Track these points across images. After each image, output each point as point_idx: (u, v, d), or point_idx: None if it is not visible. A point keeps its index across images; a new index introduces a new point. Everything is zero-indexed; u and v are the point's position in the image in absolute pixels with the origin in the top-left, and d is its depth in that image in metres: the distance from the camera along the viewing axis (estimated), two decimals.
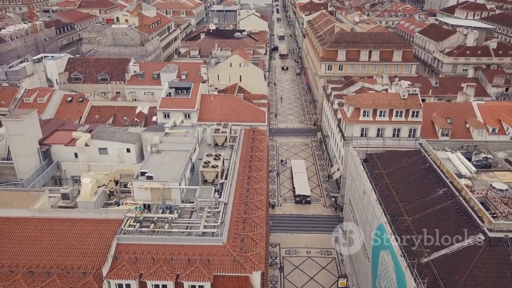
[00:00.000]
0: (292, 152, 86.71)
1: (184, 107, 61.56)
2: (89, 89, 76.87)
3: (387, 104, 60.62)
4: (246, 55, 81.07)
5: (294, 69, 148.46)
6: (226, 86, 77.17)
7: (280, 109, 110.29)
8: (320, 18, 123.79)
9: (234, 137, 46.84)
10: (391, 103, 60.81)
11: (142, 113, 65.70)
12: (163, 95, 63.65)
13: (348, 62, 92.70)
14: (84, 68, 78.97)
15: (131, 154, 43.11)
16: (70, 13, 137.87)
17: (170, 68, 76.09)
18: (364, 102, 60.94)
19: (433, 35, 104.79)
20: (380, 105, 60.55)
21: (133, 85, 76.64)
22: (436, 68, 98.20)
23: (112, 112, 66.19)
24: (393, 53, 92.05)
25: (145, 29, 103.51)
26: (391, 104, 60.68)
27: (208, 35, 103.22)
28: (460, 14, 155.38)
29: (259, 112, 64.63)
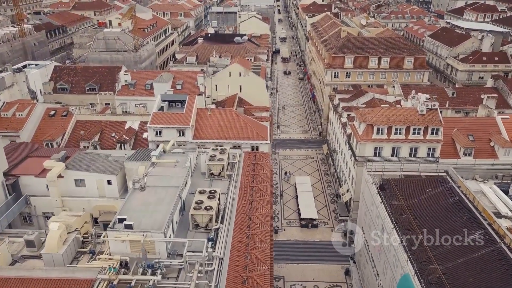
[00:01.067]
0: (296, 166, 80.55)
1: (177, 123, 55.46)
2: (76, 101, 70.77)
3: (404, 121, 54.44)
4: (246, 63, 74.88)
5: (297, 73, 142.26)
6: (225, 97, 71.05)
7: (283, 117, 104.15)
8: (325, 21, 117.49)
9: (233, 164, 40.69)
10: (408, 119, 54.64)
11: (132, 129, 59.52)
12: (154, 110, 57.54)
13: (356, 70, 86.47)
14: (71, 77, 72.82)
15: (112, 186, 37.01)
16: (63, 15, 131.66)
17: (164, 77, 69.95)
18: (377, 118, 54.77)
19: (446, 40, 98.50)
20: (395, 121, 54.37)
21: (123, 96, 70.50)
22: (449, 75, 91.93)
23: (99, 128, 60.01)
24: (404, 59, 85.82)
25: (139, 33, 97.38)
26: (408, 121, 54.52)
27: (206, 40, 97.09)
28: (470, 16, 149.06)
29: (261, 128, 58.48)
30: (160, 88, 69.29)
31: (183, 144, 55.65)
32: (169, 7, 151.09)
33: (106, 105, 70.22)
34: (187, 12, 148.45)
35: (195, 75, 72.21)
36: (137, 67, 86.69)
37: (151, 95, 70.33)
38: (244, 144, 55.76)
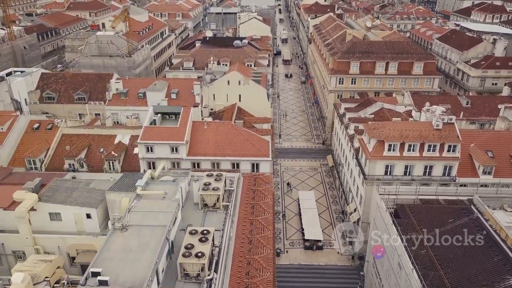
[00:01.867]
0: (299, 179, 75.90)
1: (170, 138, 50.79)
2: (64, 111, 66.24)
3: (418, 137, 49.79)
4: (246, 70, 70.17)
5: (299, 76, 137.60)
6: (223, 107, 66.39)
7: (284, 124, 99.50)
8: (328, 23, 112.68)
9: (230, 192, 36.04)
10: (422, 135, 49.99)
11: (122, 144, 54.87)
12: (146, 123, 52.88)
13: (362, 76, 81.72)
14: (59, 86, 68.14)
15: (92, 221, 32.43)
16: (56, 17, 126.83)
17: (158, 86, 65.29)
18: (389, 133, 50.10)
19: (456, 43, 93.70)
20: (409, 137, 49.72)
21: (114, 105, 65.81)
22: (460, 81, 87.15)
23: (86, 142, 55.36)
24: (413, 65, 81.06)
25: (134, 36, 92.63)
26: (422, 136, 49.88)
27: (204, 44, 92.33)
28: (477, 17, 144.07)
29: (262, 143, 53.77)
30: (153, 98, 64.78)
31: (176, 162, 51.33)
32: (166, 7, 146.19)
33: (96, 116, 65.69)
34: (186, 13, 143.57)
35: (191, 83, 67.50)
36: (131, 73, 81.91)
37: (144, 104, 65.65)
38: (243, 161, 51.20)
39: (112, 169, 52.23)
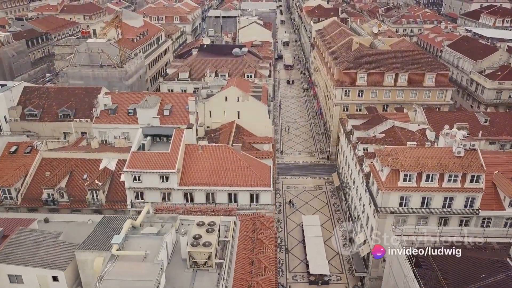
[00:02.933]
0: (303, 199, 70.55)
1: (160, 166, 45.57)
2: (48, 129, 61.07)
3: (437, 165, 44.42)
4: (245, 84, 64.83)
5: (301, 83, 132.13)
6: (221, 125, 61.16)
7: (286, 137, 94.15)
8: (332, 28, 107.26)
9: (224, 243, 30.73)
10: (442, 164, 44.61)
11: (108, 170, 49.69)
12: (133, 148, 47.65)
13: (370, 87, 76.34)
14: (42, 101, 62.84)
15: (60, 284, 27.14)
16: (48, 21, 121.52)
17: (149, 102, 59.97)
18: (405, 161, 44.75)
19: (468, 51, 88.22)
20: (427, 166, 44.35)
21: (102, 123, 60.54)
22: (474, 93, 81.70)
23: (69, 167, 50.25)
24: (425, 76, 75.66)
25: (127, 43, 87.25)
26: (442, 165, 44.50)
27: (201, 52, 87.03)
28: (487, 20, 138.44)
29: (263, 169, 48.53)
30: (144, 115, 59.48)
31: (166, 192, 46.09)
32: (163, 11, 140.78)
33: (82, 135, 60.41)
34: (183, 17, 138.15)
35: (186, 97, 62.17)
36: (123, 84, 76.68)
37: (134, 122, 60.42)
38: (241, 192, 45.95)
39: (96, 199, 47.15)
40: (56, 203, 46.90)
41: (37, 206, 47.30)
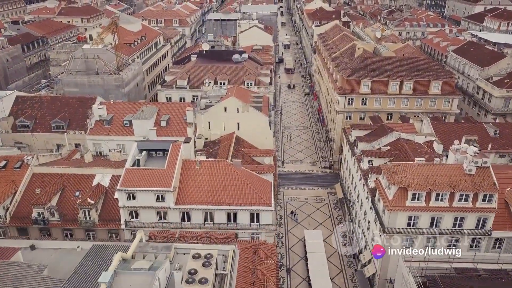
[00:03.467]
0: (305, 212, 68.30)
1: (156, 184, 43.35)
2: (40, 141, 58.88)
3: (447, 184, 42.16)
4: (245, 94, 62.56)
5: (302, 87, 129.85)
6: (220, 136, 58.92)
7: (288, 144, 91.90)
8: (334, 32, 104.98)
9: (222, 277, 28.48)
10: (452, 182, 42.36)
11: (101, 187, 47.42)
12: (128, 164, 45.42)
13: (374, 95, 74.04)
14: (35, 111, 60.64)
15: None
16: (45, 24, 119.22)
17: (145, 113, 57.72)
18: (413, 180, 42.49)
19: (474, 57, 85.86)
20: (437, 185, 42.09)
21: (97, 135, 58.25)
22: (480, 101, 79.36)
23: (60, 184, 48.01)
24: (430, 84, 73.37)
25: (124, 49, 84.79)
26: (452, 184, 42.25)
27: (200, 58, 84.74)
28: (491, 24, 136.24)
29: (263, 186, 46.30)
30: (140, 127, 57.36)
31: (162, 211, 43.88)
32: (163, 13, 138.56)
33: (76, 148, 58.22)
34: (183, 19, 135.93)
35: (184, 107, 59.90)
36: (119, 92, 74.50)
37: (130, 133, 58.22)
38: (241, 211, 43.71)
39: (88, 218, 44.89)
40: (46, 222, 44.70)
41: (27, 226, 45.13)
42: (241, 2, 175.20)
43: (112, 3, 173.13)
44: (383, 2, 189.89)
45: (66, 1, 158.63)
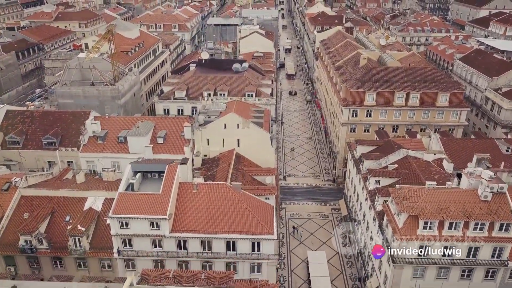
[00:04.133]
0: (308, 230, 65.69)
1: (150, 211, 40.72)
2: (31, 158, 56.30)
3: (461, 212, 39.52)
4: (246, 108, 59.90)
5: (304, 93, 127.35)
6: (219, 153, 56.29)
7: (289, 155, 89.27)
8: (337, 39, 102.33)
9: None
10: (466, 209, 39.74)
11: (93, 211, 44.80)
12: (121, 188, 42.82)
13: (379, 107, 71.36)
14: (26, 126, 58.05)
15: None
16: (41, 30, 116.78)
17: (141, 129, 55.15)
18: (425, 207, 39.85)
19: (482, 67, 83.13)
20: (450, 213, 39.46)
21: (90, 152, 55.74)
22: (489, 112, 76.63)
23: (50, 207, 45.37)
24: (438, 95, 70.67)
25: (121, 57, 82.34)
26: (467, 211, 39.63)
27: (199, 67, 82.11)
28: (496, 29, 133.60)
29: (265, 211, 43.69)
30: (135, 144, 54.89)
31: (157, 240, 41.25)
32: (162, 18, 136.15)
33: (68, 166, 55.65)
34: (182, 24, 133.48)
35: (182, 123, 57.40)
36: (115, 104, 72.01)
37: (125, 151, 55.77)
38: (241, 240, 41.07)
39: (79, 246, 42.26)
40: (34, 251, 42.07)
41: (14, 254, 42.53)
42: (241, 6, 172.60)
43: (110, 6, 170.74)
44: (385, 5, 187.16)
45: (64, 5, 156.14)
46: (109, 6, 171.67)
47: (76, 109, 71.08)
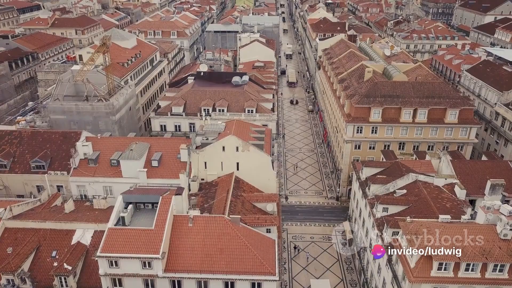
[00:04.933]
0: (311, 254, 62.47)
1: (142, 249, 37.63)
2: (19, 183, 53.22)
3: (479, 252, 36.35)
4: (245, 128, 56.74)
5: (306, 102, 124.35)
6: (217, 177, 53.22)
7: (291, 170, 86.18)
8: (340, 49, 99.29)
9: None
10: (485, 249, 36.59)
11: (81, 245, 41.79)
12: (111, 223, 39.73)
13: (385, 124, 68.28)
14: (14, 148, 54.97)
15: None
16: (36, 38, 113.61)
17: (135, 152, 52.07)
18: (440, 247, 36.66)
19: (491, 79, 79.98)
20: (467, 254, 36.28)
21: (81, 176, 52.74)
22: (499, 128, 73.52)
23: (36, 241, 42.37)
24: (446, 112, 67.58)
25: (117, 69, 79.13)
26: (485, 251, 36.46)
27: (198, 80, 79.10)
28: (502, 36, 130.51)
29: (266, 247, 40.63)
30: (129, 167, 51.95)
31: (149, 280, 38.16)
32: (160, 25, 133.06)
33: (58, 190, 52.61)
34: (181, 31, 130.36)
35: (178, 144, 54.40)
36: (109, 120, 68.87)
37: (117, 175, 52.80)
38: (240, 281, 37.99)
39: (65, 285, 39.12)
40: None
41: None
42: (242, 11, 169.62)
43: (109, 12, 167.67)
44: (388, 10, 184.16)
45: (61, 11, 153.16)
46: (107, 11, 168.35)
47: (69, 125, 68.46)
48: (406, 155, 65.68)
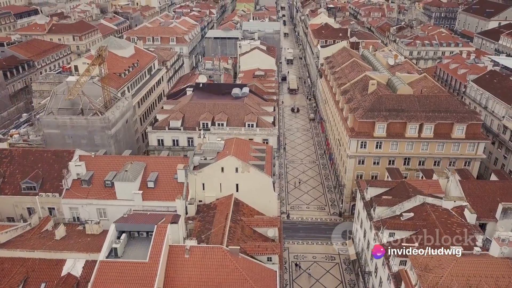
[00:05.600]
0: (313, 276, 60.31)
1: (135, 284, 35.30)
2: (8, 205, 50.94)
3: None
4: (245, 146, 54.43)
5: (307, 110, 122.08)
6: (216, 199, 50.97)
7: (292, 183, 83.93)
8: (343, 57, 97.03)
9: None
10: (500, 286, 34.29)
11: (72, 277, 39.52)
12: (102, 255, 37.48)
13: (390, 139, 66.03)
14: (4, 167, 52.63)
15: None
16: (32, 45, 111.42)
17: (130, 173, 49.79)
18: (452, 284, 34.39)
19: (498, 91, 77.74)
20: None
21: (73, 198, 50.43)
22: (508, 143, 71.22)
23: (24, 272, 40.13)
24: (453, 126, 65.33)
25: (113, 80, 76.86)
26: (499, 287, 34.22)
27: (196, 91, 76.84)
28: (507, 42, 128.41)
29: (266, 281, 38.37)
30: (123, 189, 49.68)
31: None
32: (159, 31, 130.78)
33: (50, 213, 50.35)
34: (180, 37, 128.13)
35: (175, 164, 52.12)
36: (105, 134, 66.61)
37: (112, 196, 50.47)
38: None
39: None
40: None
41: None
42: (242, 15, 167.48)
43: (107, 16, 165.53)
44: (390, 14, 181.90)
45: (58, 16, 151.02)
46: (106, 15, 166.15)
47: (63, 139, 66.21)
48: (413, 180, 63.12)
